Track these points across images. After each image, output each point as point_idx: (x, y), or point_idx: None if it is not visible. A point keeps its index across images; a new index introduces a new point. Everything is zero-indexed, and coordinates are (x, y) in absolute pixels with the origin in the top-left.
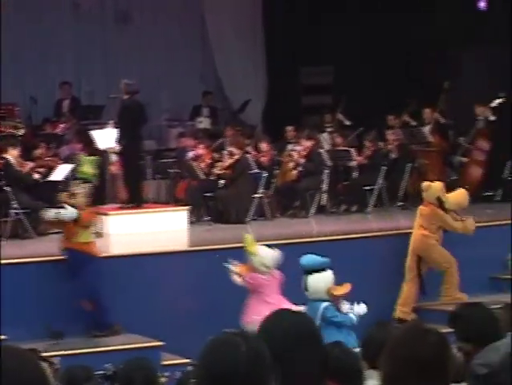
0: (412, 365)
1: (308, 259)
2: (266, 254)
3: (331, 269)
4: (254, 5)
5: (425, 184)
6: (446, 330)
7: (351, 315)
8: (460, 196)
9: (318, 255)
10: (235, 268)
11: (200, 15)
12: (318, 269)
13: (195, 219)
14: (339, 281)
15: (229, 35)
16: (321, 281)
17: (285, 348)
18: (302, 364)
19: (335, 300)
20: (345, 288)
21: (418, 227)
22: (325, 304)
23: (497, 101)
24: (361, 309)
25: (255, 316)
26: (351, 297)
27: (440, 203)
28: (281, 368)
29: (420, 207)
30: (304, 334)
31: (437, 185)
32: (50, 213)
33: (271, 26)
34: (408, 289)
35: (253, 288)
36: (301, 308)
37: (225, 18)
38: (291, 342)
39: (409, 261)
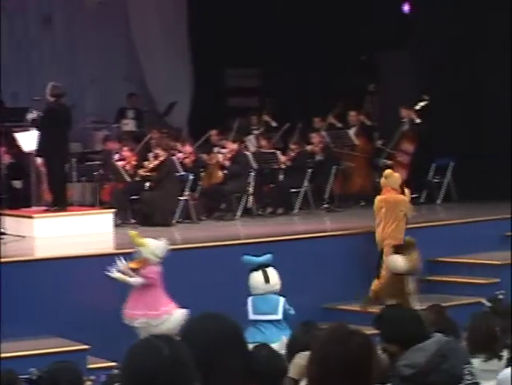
0: (336, 366)
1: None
2: (154, 244)
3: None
4: (179, 6)
5: (387, 171)
6: (371, 331)
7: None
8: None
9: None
10: (126, 266)
11: (124, 16)
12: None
13: (120, 221)
14: None
15: (154, 37)
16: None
17: (208, 351)
18: (226, 367)
19: None
20: None
21: (383, 218)
22: (282, 297)
23: (422, 104)
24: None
25: (143, 310)
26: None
27: (402, 191)
28: (205, 371)
29: (380, 197)
30: (228, 336)
31: (398, 174)
32: None
33: (197, 28)
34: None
35: (152, 281)
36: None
37: (150, 20)
38: (215, 346)
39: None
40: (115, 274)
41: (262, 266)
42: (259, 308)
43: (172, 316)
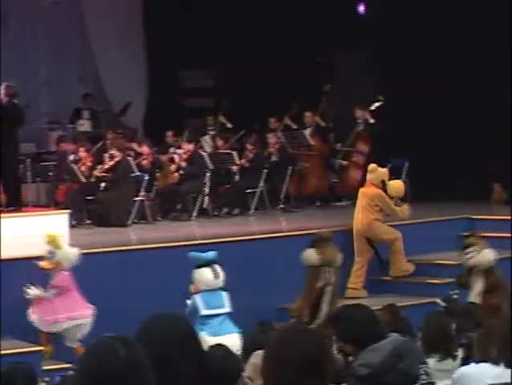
0: (289, 366)
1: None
2: (70, 249)
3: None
4: (134, 7)
5: (372, 165)
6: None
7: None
8: (399, 184)
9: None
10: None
11: (79, 16)
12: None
13: (76, 222)
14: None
15: (109, 37)
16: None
17: (164, 352)
18: (182, 367)
19: None
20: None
21: (361, 210)
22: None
23: (376, 104)
24: None
25: (65, 314)
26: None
27: (383, 186)
28: (161, 372)
29: (362, 189)
30: (183, 337)
31: (383, 170)
32: None
33: (152, 29)
34: (358, 268)
35: (64, 289)
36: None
37: (105, 20)
38: (170, 346)
39: (356, 244)
40: (32, 292)
41: (211, 262)
42: (210, 303)
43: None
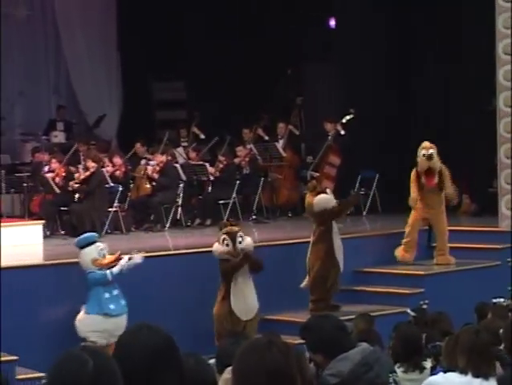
0: (257, 377)
1: (78, 239)
2: None
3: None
4: (109, 20)
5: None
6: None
7: (107, 271)
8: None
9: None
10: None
11: (53, 29)
12: (86, 245)
13: (50, 233)
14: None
15: (82, 49)
16: (86, 255)
17: (145, 364)
18: (161, 379)
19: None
20: (111, 258)
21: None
22: (88, 271)
23: (348, 117)
24: (125, 261)
25: None
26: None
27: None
28: (138, 383)
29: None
30: (163, 348)
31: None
32: None
33: (125, 42)
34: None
35: None
36: None
37: (79, 33)
38: (152, 358)
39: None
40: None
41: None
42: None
43: None
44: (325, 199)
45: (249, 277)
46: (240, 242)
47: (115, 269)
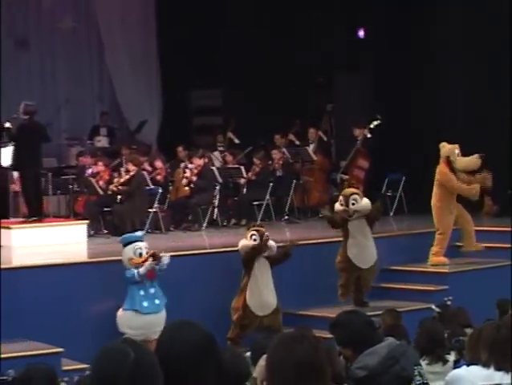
0: (289, 367)
1: (123, 236)
2: None
3: None
4: (150, 32)
5: (442, 143)
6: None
7: (134, 271)
8: (470, 159)
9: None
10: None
11: (97, 39)
12: (127, 244)
13: (93, 232)
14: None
15: (125, 59)
16: (124, 253)
17: (183, 359)
18: (201, 373)
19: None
20: (142, 258)
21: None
22: (126, 270)
23: (375, 123)
24: (164, 260)
25: None
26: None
27: (448, 162)
28: (184, 378)
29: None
30: (201, 344)
31: (450, 146)
32: None
33: (165, 52)
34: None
35: None
36: None
37: (121, 43)
38: (189, 353)
39: None
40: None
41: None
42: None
43: None
44: (337, 209)
45: (268, 274)
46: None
47: (142, 270)
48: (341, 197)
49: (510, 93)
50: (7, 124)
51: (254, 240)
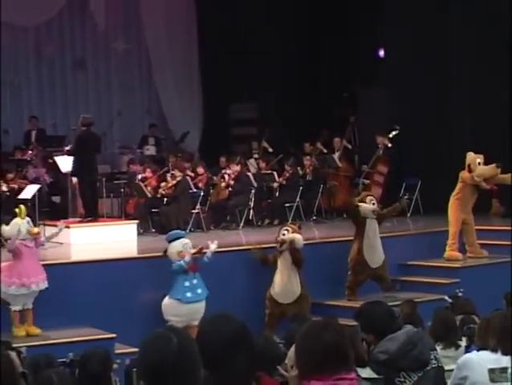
0: (316, 352)
1: (169, 234)
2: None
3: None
4: (192, 51)
5: (469, 152)
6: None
7: (181, 261)
8: (487, 168)
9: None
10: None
11: (146, 59)
12: (174, 239)
13: (142, 231)
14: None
15: (170, 76)
16: (173, 248)
17: (220, 346)
18: (236, 359)
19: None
20: (191, 251)
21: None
22: (173, 263)
23: (393, 132)
24: (212, 248)
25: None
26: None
27: (469, 171)
28: (222, 365)
29: None
30: (236, 334)
31: (474, 156)
32: None
33: (206, 70)
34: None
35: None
36: None
37: (167, 62)
38: (226, 342)
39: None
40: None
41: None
42: (175, 265)
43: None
44: (366, 209)
45: (291, 266)
46: None
47: (187, 258)
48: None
49: None
50: (67, 148)
51: (283, 234)
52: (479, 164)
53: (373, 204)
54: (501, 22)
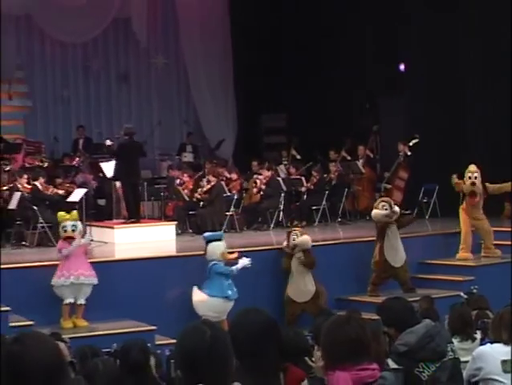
0: (340, 344)
1: (208, 234)
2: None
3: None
4: (227, 65)
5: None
6: (376, 317)
7: (233, 268)
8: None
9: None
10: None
11: (184, 73)
12: (214, 240)
13: (180, 231)
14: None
15: (206, 89)
16: (215, 248)
17: (251, 339)
18: (265, 350)
19: (227, 261)
20: (233, 255)
21: None
22: (214, 262)
23: (413, 141)
24: (244, 262)
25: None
26: None
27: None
28: (252, 356)
29: None
30: (265, 327)
31: (472, 168)
32: None
33: (240, 83)
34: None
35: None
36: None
37: (203, 76)
38: (256, 334)
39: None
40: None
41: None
42: (224, 268)
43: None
44: (378, 214)
45: (303, 267)
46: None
47: (239, 266)
48: (383, 202)
49: None
50: (108, 142)
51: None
52: (475, 178)
53: (385, 209)
54: None
